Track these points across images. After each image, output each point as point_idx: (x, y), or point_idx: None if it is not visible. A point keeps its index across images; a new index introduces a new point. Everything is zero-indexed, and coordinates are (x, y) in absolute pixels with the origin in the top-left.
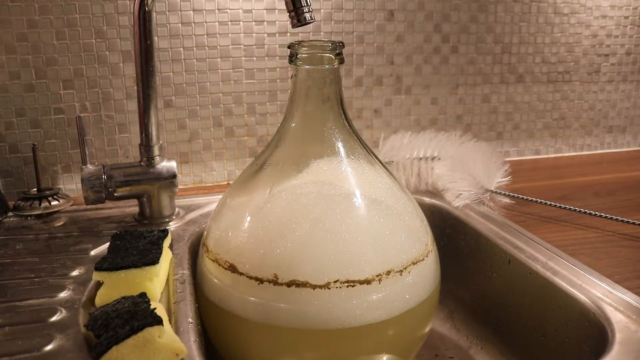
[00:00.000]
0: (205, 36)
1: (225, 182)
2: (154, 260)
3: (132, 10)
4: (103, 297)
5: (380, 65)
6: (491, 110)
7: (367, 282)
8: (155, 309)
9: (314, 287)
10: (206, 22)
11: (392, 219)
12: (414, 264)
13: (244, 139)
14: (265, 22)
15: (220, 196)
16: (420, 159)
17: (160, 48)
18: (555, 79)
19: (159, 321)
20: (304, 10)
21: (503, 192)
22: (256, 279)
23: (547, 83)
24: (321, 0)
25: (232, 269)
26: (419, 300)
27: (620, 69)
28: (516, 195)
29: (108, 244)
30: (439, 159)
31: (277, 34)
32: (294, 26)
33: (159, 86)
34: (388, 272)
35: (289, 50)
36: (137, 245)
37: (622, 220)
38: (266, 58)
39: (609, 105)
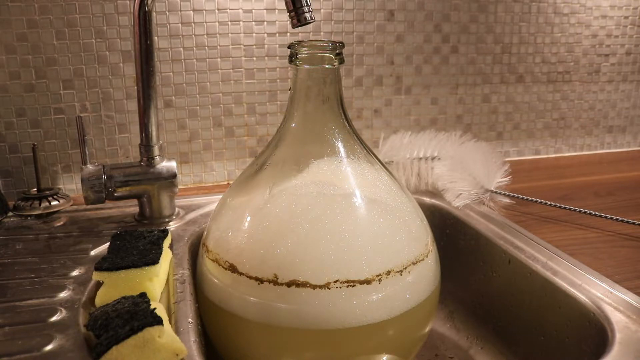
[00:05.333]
0: (205, 36)
1: (225, 182)
2: (154, 260)
3: (132, 10)
4: (103, 297)
5: (380, 65)
6: (491, 110)
7: (367, 282)
8: (155, 309)
9: (314, 287)
10: (206, 22)
11: (392, 219)
12: (414, 264)
13: (244, 139)
14: (265, 22)
15: (220, 196)
16: (420, 159)
17: (160, 48)
18: (555, 79)
19: (159, 321)
20: (304, 10)
21: (503, 192)
22: (256, 279)
23: (547, 83)
24: (321, 0)
25: (232, 269)
26: (419, 300)
27: (620, 69)
28: (516, 195)
29: (108, 244)
30: (439, 159)
31: (277, 34)
32: (294, 26)
33: (159, 86)
34: (388, 272)
35: (289, 50)
36: (137, 245)
37: (622, 220)
38: (266, 58)
39: (609, 105)
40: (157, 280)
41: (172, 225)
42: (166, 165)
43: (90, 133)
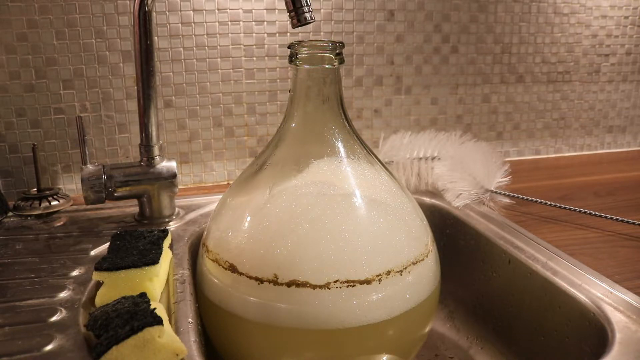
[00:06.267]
0: (205, 36)
1: (225, 182)
2: (154, 260)
3: (132, 10)
4: (103, 297)
5: (380, 65)
6: (491, 110)
7: (367, 282)
8: (155, 309)
9: (314, 287)
10: (206, 22)
11: (392, 219)
12: (414, 264)
13: (244, 139)
14: (265, 22)
15: (220, 196)
16: (420, 159)
17: (160, 48)
18: (555, 79)
19: (159, 321)
20: (304, 10)
21: (503, 192)
22: (256, 279)
23: (547, 83)
24: (321, 0)
25: (232, 269)
26: (419, 300)
27: (620, 69)
28: (516, 195)
29: (108, 244)
30: (439, 159)
31: (277, 34)
32: (294, 26)
33: (159, 86)
34: (388, 272)
35: (289, 50)
36: (137, 245)
37: (622, 220)
38: (266, 58)
39: (609, 105)
40: (157, 280)
41: (172, 225)
42: (166, 165)
43: (90, 133)
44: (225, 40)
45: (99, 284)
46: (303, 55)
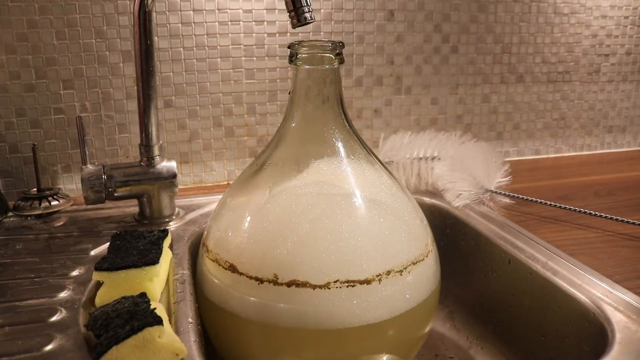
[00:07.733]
0: (205, 36)
1: (225, 182)
2: (154, 260)
3: (132, 10)
4: (103, 297)
5: (380, 65)
6: (491, 110)
7: (367, 282)
8: (155, 309)
9: (314, 287)
10: (206, 22)
11: (392, 219)
12: (414, 264)
13: (244, 139)
14: (265, 22)
15: (220, 196)
16: (420, 159)
17: (160, 48)
18: (555, 79)
19: (159, 321)
20: (304, 10)
21: (503, 192)
22: (256, 279)
23: (547, 83)
24: (321, 0)
25: (232, 269)
26: (419, 300)
27: (620, 69)
28: (516, 195)
29: (108, 244)
30: (439, 159)
31: (277, 34)
32: (294, 26)
33: (159, 86)
34: (388, 272)
35: (289, 50)
36: (137, 245)
37: (622, 220)
38: (266, 58)
39: (609, 105)
40: (157, 280)
41: (172, 225)
42: (166, 165)
43: (90, 133)
44: (225, 40)
45: (99, 284)
46: (303, 55)
